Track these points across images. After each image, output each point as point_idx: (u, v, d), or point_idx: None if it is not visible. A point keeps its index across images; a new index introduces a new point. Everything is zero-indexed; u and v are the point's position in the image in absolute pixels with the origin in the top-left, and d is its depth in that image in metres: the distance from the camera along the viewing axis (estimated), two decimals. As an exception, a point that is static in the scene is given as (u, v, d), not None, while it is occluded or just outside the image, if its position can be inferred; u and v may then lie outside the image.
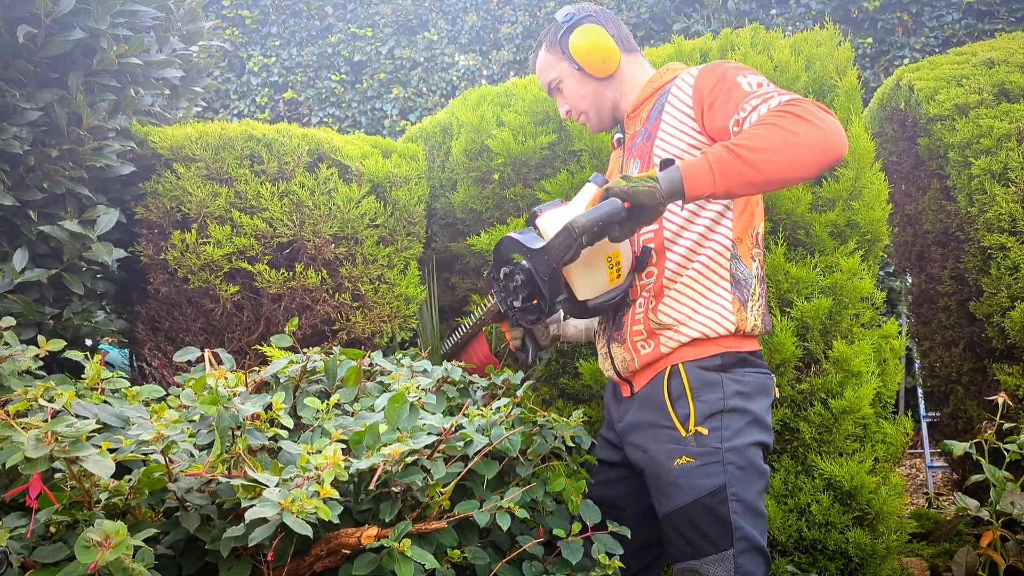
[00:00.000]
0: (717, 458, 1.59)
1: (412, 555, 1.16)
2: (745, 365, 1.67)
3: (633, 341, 1.72)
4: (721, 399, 1.62)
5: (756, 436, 1.64)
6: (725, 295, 1.67)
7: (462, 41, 7.16)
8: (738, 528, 1.58)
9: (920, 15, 6.00)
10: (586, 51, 1.78)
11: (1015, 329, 2.49)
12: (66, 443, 1.05)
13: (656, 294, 1.69)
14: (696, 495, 1.60)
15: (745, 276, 1.69)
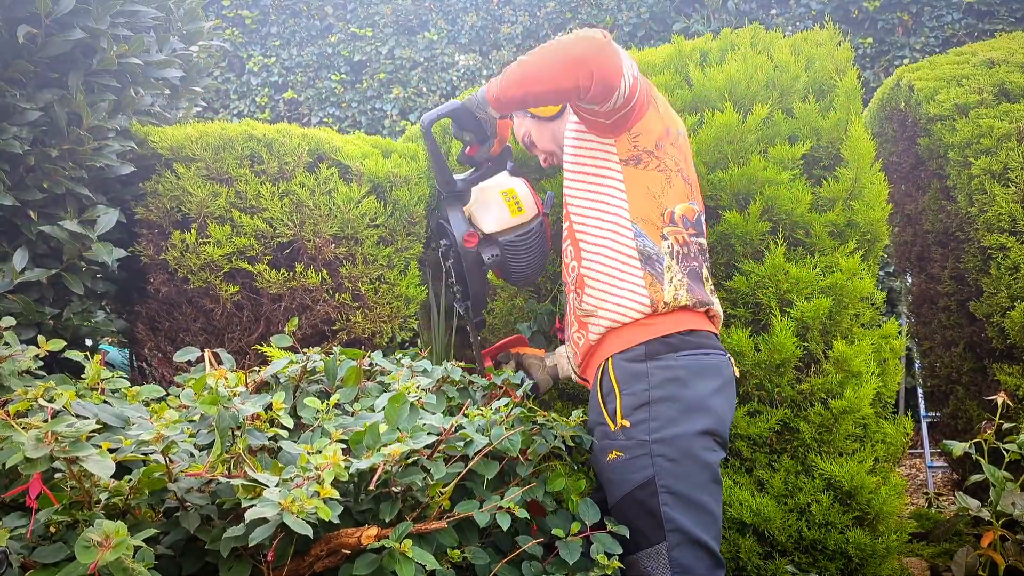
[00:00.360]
0: (644, 451, 1.59)
1: (413, 556, 1.16)
2: (676, 349, 1.65)
3: (572, 335, 1.81)
4: (646, 389, 1.62)
5: (694, 424, 1.60)
6: (636, 272, 1.70)
7: (462, 41, 7.16)
8: (669, 520, 1.56)
9: (920, 15, 6.00)
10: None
11: (1015, 329, 2.49)
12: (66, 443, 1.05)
13: (579, 284, 1.78)
14: (627, 488, 1.60)
15: (655, 252, 1.71)
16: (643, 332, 1.67)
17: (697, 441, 1.60)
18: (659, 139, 1.76)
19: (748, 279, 2.20)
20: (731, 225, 2.21)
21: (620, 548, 1.63)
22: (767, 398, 2.19)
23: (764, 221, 2.22)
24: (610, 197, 1.75)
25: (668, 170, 1.77)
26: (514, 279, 2.02)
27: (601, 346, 1.74)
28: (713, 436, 1.63)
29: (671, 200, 1.76)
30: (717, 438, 1.65)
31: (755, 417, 2.17)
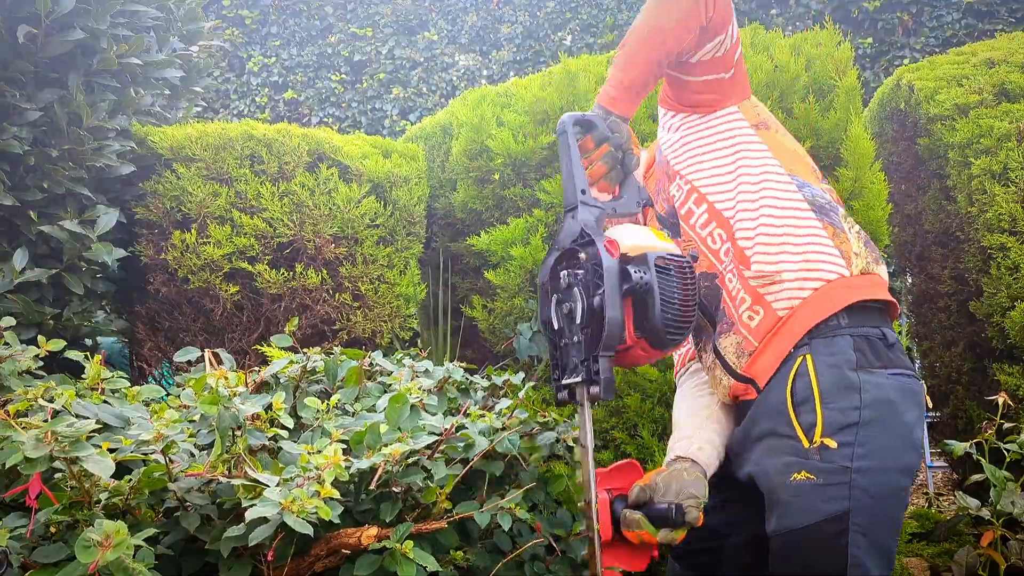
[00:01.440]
0: (844, 479, 1.31)
1: (414, 556, 1.16)
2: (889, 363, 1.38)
3: (740, 317, 1.45)
4: (857, 408, 1.34)
5: (902, 459, 1.35)
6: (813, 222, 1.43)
7: (462, 41, 7.16)
8: (855, 564, 1.31)
9: (920, 15, 6.00)
10: None
11: (1015, 329, 2.49)
12: (66, 443, 1.05)
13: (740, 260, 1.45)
14: (814, 519, 1.33)
15: (826, 202, 1.46)
16: (844, 294, 1.39)
17: (903, 479, 1.36)
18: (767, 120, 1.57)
19: (748, 279, 2.20)
20: (731, 225, 2.21)
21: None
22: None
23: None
24: (753, 159, 1.50)
25: (785, 148, 1.54)
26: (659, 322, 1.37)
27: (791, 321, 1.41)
28: (912, 476, 1.39)
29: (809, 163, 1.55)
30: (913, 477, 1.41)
31: (755, 417, 2.17)
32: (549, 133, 2.45)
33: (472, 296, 2.67)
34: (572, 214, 1.49)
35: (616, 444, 2.26)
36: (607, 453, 2.26)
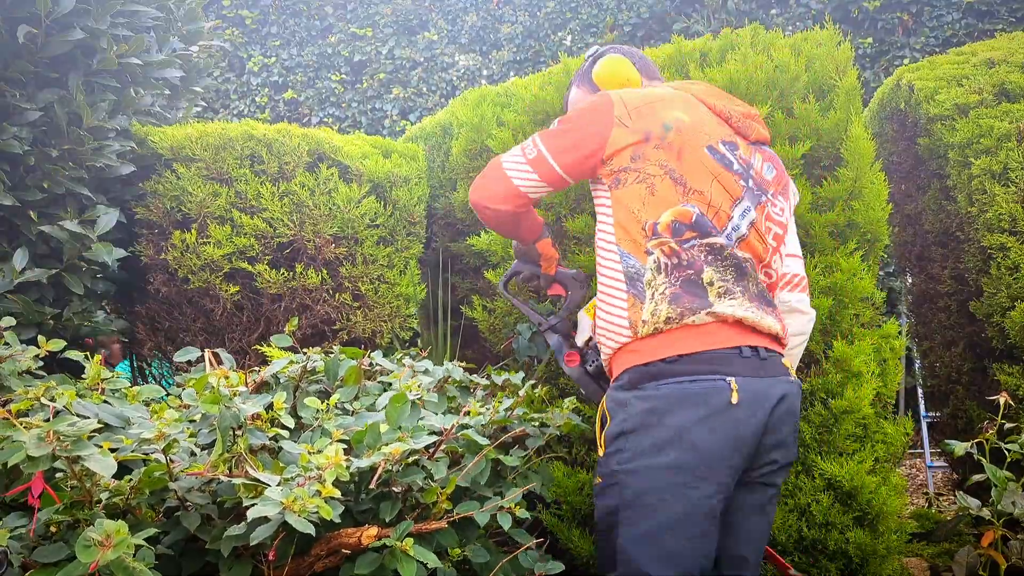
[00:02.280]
0: (615, 480, 1.54)
1: (414, 554, 1.16)
2: (657, 378, 1.56)
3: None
4: (625, 419, 1.56)
5: (664, 456, 1.51)
6: (621, 295, 1.66)
7: (462, 41, 7.16)
8: (622, 552, 1.51)
9: (920, 15, 6.00)
10: (608, 76, 1.86)
11: (1015, 329, 2.49)
12: (68, 442, 1.05)
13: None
14: (599, 514, 1.58)
15: (637, 271, 1.65)
16: (627, 359, 1.62)
17: (666, 475, 1.51)
18: (634, 150, 1.69)
19: (748, 279, 2.20)
20: (731, 225, 2.21)
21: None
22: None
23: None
24: (604, 229, 1.72)
25: (651, 176, 1.67)
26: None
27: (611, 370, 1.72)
28: (693, 471, 1.52)
29: (653, 211, 1.67)
30: (700, 472, 1.52)
31: (755, 417, 2.17)
32: (549, 133, 2.45)
33: (472, 296, 2.68)
34: (545, 336, 2.00)
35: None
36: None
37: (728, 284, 1.66)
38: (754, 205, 1.72)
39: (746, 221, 1.70)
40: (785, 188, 1.82)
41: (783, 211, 1.79)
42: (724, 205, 1.70)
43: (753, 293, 1.68)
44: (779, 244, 1.77)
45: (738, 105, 1.84)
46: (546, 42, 6.93)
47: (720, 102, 1.82)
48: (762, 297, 1.69)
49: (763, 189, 1.76)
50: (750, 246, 1.70)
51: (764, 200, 1.75)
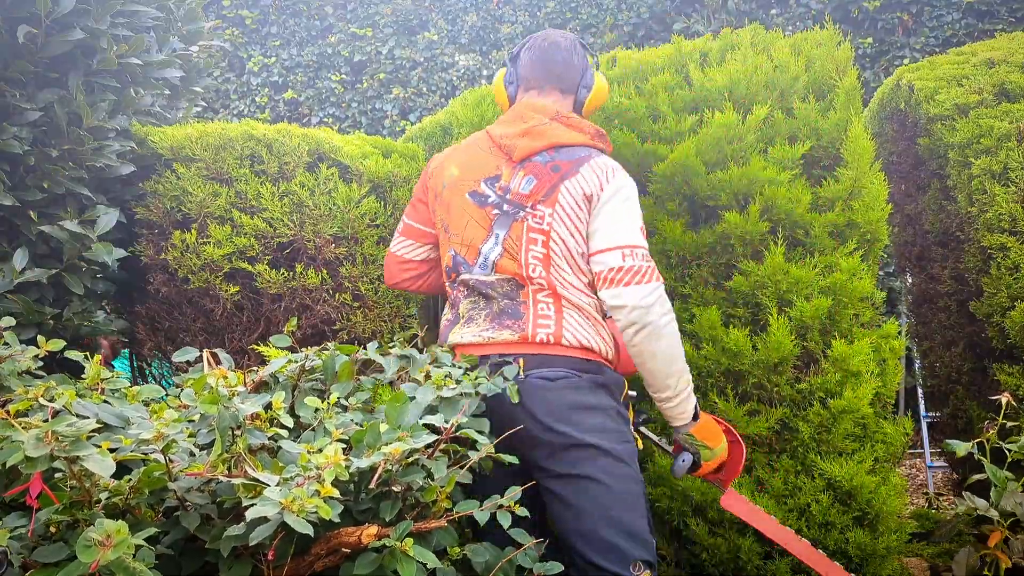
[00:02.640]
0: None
1: (414, 554, 1.16)
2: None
3: None
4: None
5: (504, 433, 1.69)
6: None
7: (462, 41, 7.16)
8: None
9: (920, 15, 6.00)
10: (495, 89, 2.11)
11: (1015, 329, 2.49)
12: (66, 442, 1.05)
13: None
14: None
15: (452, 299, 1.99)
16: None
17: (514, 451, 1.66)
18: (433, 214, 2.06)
19: (748, 279, 2.20)
20: (731, 225, 2.21)
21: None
22: (766, 397, 2.20)
23: (764, 221, 2.22)
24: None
25: (439, 233, 2.05)
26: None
27: None
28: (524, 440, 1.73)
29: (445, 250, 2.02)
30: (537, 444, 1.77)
31: (754, 417, 2.17)
32: (549, 133, 2.45)
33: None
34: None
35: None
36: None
37: (474, 311, 1.92)
38: (507, 227, 1.90)
39: (498, 248, 1.90)
40: (551, 192, 1.89)
41: (543, 218, 1.88)
42: (476, 240, 1.93)
43: (495, 312, 1.89)
44: (547, 250, 1.87)
45: (522, 123, 1.97)
46: (546, 42, 6.92)
47: (501, 129, 2.00)
48: (504, 313, 1.87)
49: (520, 205, 1.91)
50: (504, 268, 1.89)
51: (522, 215, 1.90)
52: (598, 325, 1.88)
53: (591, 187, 1.85)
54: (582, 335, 1.83)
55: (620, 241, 1.82)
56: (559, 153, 1.91)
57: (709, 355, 2.16)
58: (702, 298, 2.24)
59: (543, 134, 1.93)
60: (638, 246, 1.83)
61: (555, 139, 1.92)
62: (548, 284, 1.86)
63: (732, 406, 2.14)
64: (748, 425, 2.14)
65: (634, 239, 1.83)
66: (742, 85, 2.35)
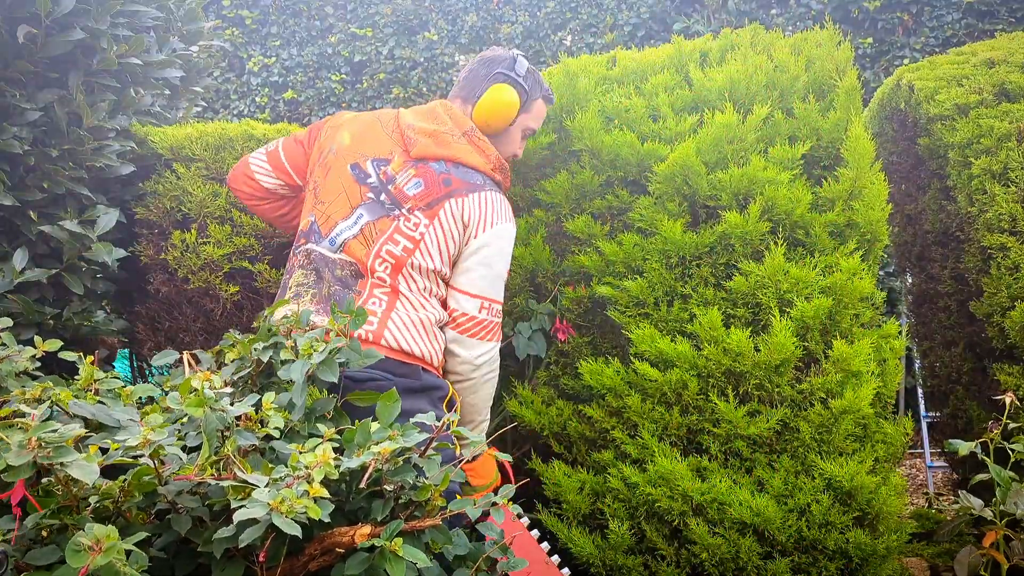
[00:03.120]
0: None
1: (404, 554, 1.16)
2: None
3: None
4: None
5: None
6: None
7: (462, 41, 7.16)
8: None
9: (920, 15, 5.99)
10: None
11: (1015, 329, 2.48)
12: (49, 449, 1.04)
13: None
14: None
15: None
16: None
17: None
18: (309, 172, 2.08)
19: (748, 279, 2.20)
20: (731, 225, 2.21)
21: None
22: (767, 398, 2.19)
23: (764, 221, 2.21)
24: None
25: (306, 192, 2.07)
26: None
27: None
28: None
29: (299, 221, 2.07)
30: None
31: (755, 417, 2.17)
32: (549, 133, 2.45)
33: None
34: None
35: (616, 444, 2.26)
36: (607, 453, 2.26)
37: (302, 289, 1.91)
38: (376, 216, 1.92)
39: (354, 229, 1.91)
40: (434, 205, 1.92)
41: (417, 227, 1.91)
42: (338, 215, 1.94)
43: (323, 296, 1.89)
44: (407, 256, 1.90)
45: (433, 123, 2.00)
46: (546, 42, 6.93)
47: (412, 119, 2.02)
48: (331, 298, 1.89)
49: (398, 203, 1.93)
50: (351, 251, 1.90)
51: (396, 214, 1.92)
52: (428, 332, 1.90)
53: (473, 219, 1.92)
54: (405, 338, 1.85)
55: (484, 292, 1.94)
56: (456, 170, 1.96)
57: (711, 356, 2.16)
58: (702, 298, 2.23)
59: (448, 145, 1.97)
60: (496, 301, 1.96)
61: (457, 155, 1.97)
62: (391, 284, 1.90)
63: (733, 407, 2.14)
64: (749, 426, 2.14)
65: (496, 293, 1.96)
66: (742, 85, 2.34)
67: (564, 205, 2.44)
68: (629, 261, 2.28)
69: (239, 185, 2.19)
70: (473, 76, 2.10)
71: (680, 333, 2.22)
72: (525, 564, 1.49)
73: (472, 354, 1.94)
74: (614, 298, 2.29)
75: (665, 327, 2.23)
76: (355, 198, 1.96)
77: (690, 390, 2.16)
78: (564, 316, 2.42)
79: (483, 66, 2.10)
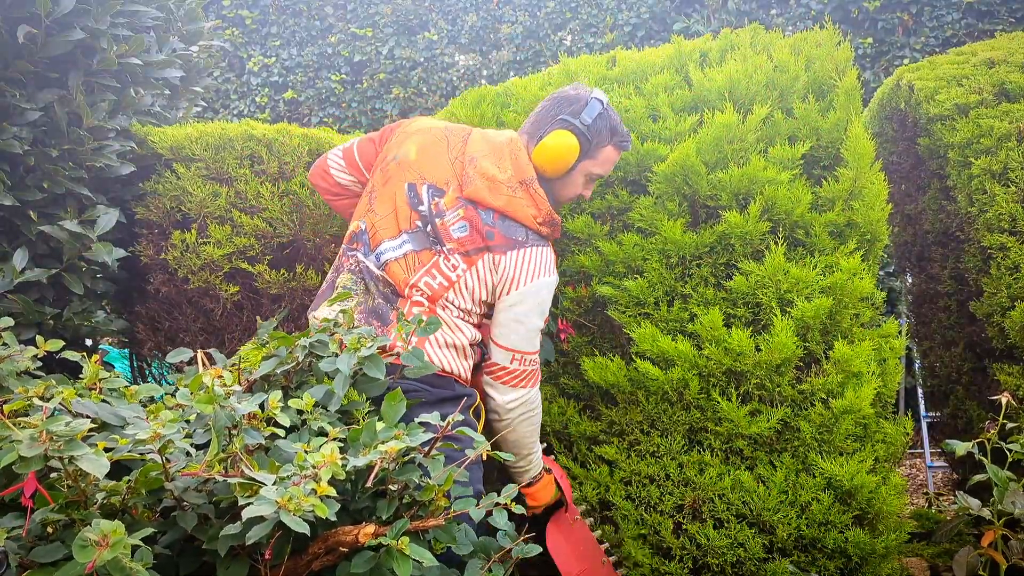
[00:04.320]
0: None
1: (410, 553, 1.16)
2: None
3: None
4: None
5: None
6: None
7: (462, 41, 7.16)
8: None
9: (920, 15, 5.99)
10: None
11: (1015, 329, 2.49)
12: (61, 442, 1.05)
13: None
14: None
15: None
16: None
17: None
18: (378, 165, 2.09)
19: (748, 279, 2.20)
20: (731, 225, 2.21)
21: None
22: (767, 398, 2.19)
23: (764, 221, 2.22)
24: None
25: (364, 191, 2.09)
26: None
27: None
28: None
29: (352, 221, 2.10)
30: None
31: (756, 416, 2.17)
32: (549, 133, 2.45)
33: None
34: None
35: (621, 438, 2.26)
36: (610, 448, 2.26)
37: (352, 291, 1.97)
38: (420, 246, 1.97)
39: (399, 252, 1.96)
40: (473, 254, 1.95)
41: (456, 268, 1.95)
42: (386, 233, 1.98)
43: (369, 308, 1.96)
44: (443, 291, 1.95)
45: (495, 165, 1.99)
46: (546, 42, 6.93)
47: (480, 149, 2.01)
48: (375, 312, 1.96)
49: (440, 240, 1.97)
50: (392, 272, 1.96)
51: (438, 249, 1.96)
52: (461, 354, 1.97)
53: (507, 276, 1.95)
54: (440, 358, 1.92)
55: (516, 346, 1.97)
56: (502, 223, 1.97)
57: (712, 355, 2.16)
58: (703, 298, 2.23)
59: (500, 195, 1.97)
60: (528, 353, 1.99)
61: (507, 208, 1.97)
62: (428, 307, 1.95)
63: (734, 406, 2.14)
64: (750, 425, 2.14)
65: (529, 346, 1.99)
66: (742, 85, 2.35)
67: (564, 205, 2.44)
68: (629, 261, 2.28)
69: (317, 180, 2.22)
70: (543, 113, 2.07)
71: (681, 332, 2.22)
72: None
73: (504, 399, 2.00)
74: (614, 298, 2.29)
75: (666, 327, 2.23)
76: (404, 222, 1.99)
77: (691, 389, 2.16)
78: (565, 316, 2.43)
79: (553, 105, 2.06)
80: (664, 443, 2.20)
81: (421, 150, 2.03)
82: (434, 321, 1.73)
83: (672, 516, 2.18)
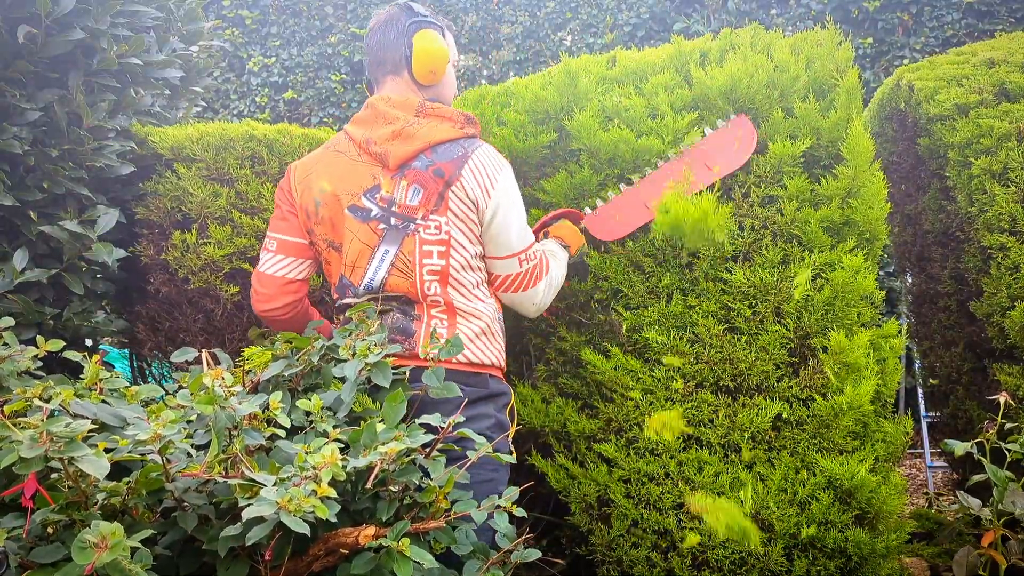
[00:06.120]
0: None
1: (411, 555, 1.16)
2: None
3: None
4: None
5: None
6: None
7: (462, 41, 7.16)
8: None
9: (920, 15, 5.99)
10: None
11: (1015, 329, 2.49)
12: (61, 443, 1.05)
13: None
14: None
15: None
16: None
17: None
18: (311, 233, 1.98)
19: (746, 275, 2.20)
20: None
21: None
22: (765, 394, 2.19)
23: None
24: None
25: (322, 251, 1.97)
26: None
27: None
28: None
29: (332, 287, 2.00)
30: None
31: (753, 413, 2.17)
32: (549, 132, 2.45)
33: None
34: None
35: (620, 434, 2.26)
36: (609, 446, 2.26)
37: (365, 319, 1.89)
38: (398, 242, 1.87)
39: (385, 265, 1.87)
40: (440, 201, 1.87)
41: (440, 227, 1.87)
42: (362, 260, 1.88)
43: (389, 326, 1.87)
44: (446, 260, 1.87)
45: (385, 124, 1.90)
46: (546, 42, 6.93)
47: (364, 132, 1.92)
48: (395, 328, 1.87)
49: (409, 218, 1.87)
50: (394, 287, 1.86)
51: (412, 228, 1.87)
52: (490, 336, 1.93)
53: (475, 194, 1.88)
54: (473, 351, 1.88)
55: (516, 247, 1.93)
56: (436, 153, 1.88)
57: (709, 351, 2.16)
58: (700, 293, 2.24)
59: (414, 136, 1.88)
60: (528, 247, 1.95)
61: (428, 139, 1.88)
62: (444, 300, 1.88)
63: (731, 402, 2.14)
64: (748, 421, 2.14)
65: (526, 241, 1.95)
66: (742, 85, 2.35)
67: (563, 204, 2.44)
68: (626, 257, 2.29)
69: (280, 302, 2.01)
70: (385, 45, 2.01)
71: (678, 328, 2.22)
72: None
73: (532, 298, 1.99)
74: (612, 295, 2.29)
75: (663, 323, 2.24)
76: (370, 237, 1.89)
77: (689, 385, 2.17)
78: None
79: (388, 30, 2.00)
80: (664, 437, 2.19)
81: (332, 178, 1.94)
82: (456, 343, 1.69)
83: (673, 513, 2.18)
